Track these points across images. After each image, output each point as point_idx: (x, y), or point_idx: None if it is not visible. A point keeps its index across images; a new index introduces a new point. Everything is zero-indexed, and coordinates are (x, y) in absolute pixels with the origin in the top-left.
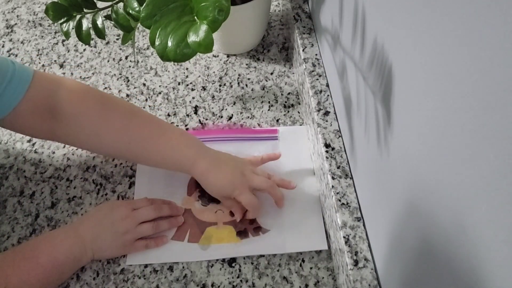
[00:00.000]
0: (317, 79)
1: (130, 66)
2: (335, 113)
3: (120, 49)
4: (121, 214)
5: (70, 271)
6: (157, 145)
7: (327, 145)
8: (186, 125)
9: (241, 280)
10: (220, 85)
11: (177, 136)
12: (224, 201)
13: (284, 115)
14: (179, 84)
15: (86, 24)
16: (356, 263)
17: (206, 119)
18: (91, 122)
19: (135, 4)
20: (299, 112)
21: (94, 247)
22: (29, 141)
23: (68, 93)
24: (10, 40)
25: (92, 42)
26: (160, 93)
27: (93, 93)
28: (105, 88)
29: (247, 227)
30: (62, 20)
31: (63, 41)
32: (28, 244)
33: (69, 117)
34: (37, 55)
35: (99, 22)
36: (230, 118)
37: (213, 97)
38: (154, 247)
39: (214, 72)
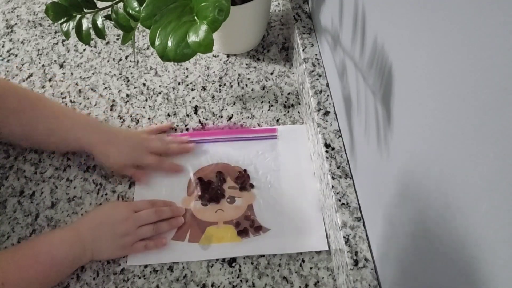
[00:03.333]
0: (317, 79)
1: (130, 66)
2: (335, 113)
3: (120, 49)
4: (122, 216)
5: (69, 270)
6: (56, 128)
7: (327, 145)
8: (186, 125)
9: (241, 280)
10: (220, 85)
11: (76, 119)
12: (126, 170)
13: (284, 115)
14: (179, 84)
15: (86, 24)
16: (356, 263)
17: (206, 119)
18: None
19: (135, 4)
20: (299, 112)
21: (94, 248)
22: None
23: None
24: (10, 40)
25: (92, 42)
26: (160, 93)
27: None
28: (105, 88)
29: (247, 226)
30: (62, 20)
31: (63, 41)
32: (28, 242)
33: None
34: (37, 55)
35: (99, 22)
36: (230, 118)
37: (213, 97)
38: (153, 249)
39: (214, 72)
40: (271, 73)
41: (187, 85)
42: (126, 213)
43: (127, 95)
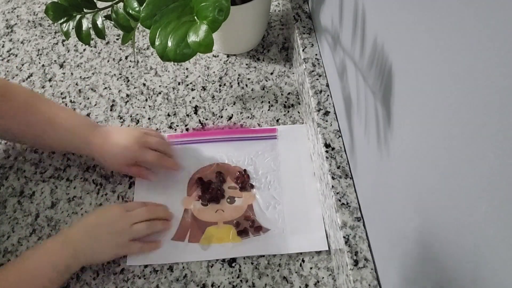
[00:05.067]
0: (317, 79)
1: (130, 66)
2: (335, 113)
3: (120, 49)
4: (116, 215)
5: (61, 278)
6: (53, 128)
7: (327, 145)
8: (186, 125)
9: (241, 280)
10: (220, 85)
11: (72, 119)
12: (129, 169)
13: (284, 115)
14: (179, 84)
15: (86, 24)
16: (356, 263)
17: (206, 119)
18: None
19: (135, 4)
20: (299, 112)
21: (87, 251)
22: None
23: None
24: (10, 40)
25: (92, 42)
26: (160, 93)
27: None
28: (105, 88)
29: (247, 226)
30: (62, 20)
31: (63, 41)
32: (17, 259)
33: None
34: (37, 55)
35: (99, 22)
36: (230, 118)
37: (213, 97)
38: (148, 251)
39: (214, 72)
40: (271, 73)
41: (187, 85)
42: (119, 212)
43: (127, 95)
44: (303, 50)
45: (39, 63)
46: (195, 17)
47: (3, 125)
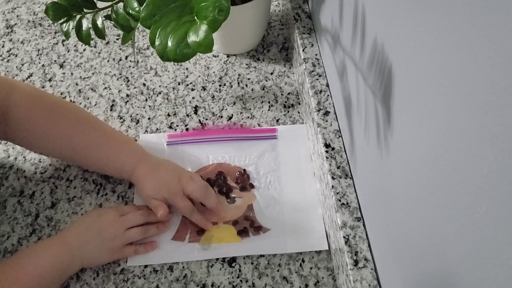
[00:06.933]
0: (317, 79)
1: (130, 66)
2: (335, 113)
3: (120, 49)
4: (109, 220)
5: (59, 280)
6: (99, 153)
7: (327, 145)
8: (186, 125)
9: (241, 280)
10: (220, 85)
11: (120, 144)
12: (150, 201)
13: (284, 115)
14: (179, 84)
15: (86, 24)
16: (356, 263)
17: (206, 119)
18: (39, 127)
19: (135, 4)
20: (299, 112)
21: (82, 255)
22: None
23: (20, 97)
24: (10, 40)
25: (92, 42)
26: (160, 93)
27: (44, 98)
28: (105, 88)
29: (247, 226)
30: (62, 20)
31: (63, 41)
32: (14, 256)
33: (18, 121)
34: (37, 55)
35: (99, 22)
36: (230, 118)
37: (213, 97)
38: (143, 253)
39: (214, 72)
40: (271, 73)
41: (187, 85)
42: (113, 216)
43: (127, 95)
44: (303, 50)
45: (39, 63)
46: (195, 17)
47: (47, 145)
